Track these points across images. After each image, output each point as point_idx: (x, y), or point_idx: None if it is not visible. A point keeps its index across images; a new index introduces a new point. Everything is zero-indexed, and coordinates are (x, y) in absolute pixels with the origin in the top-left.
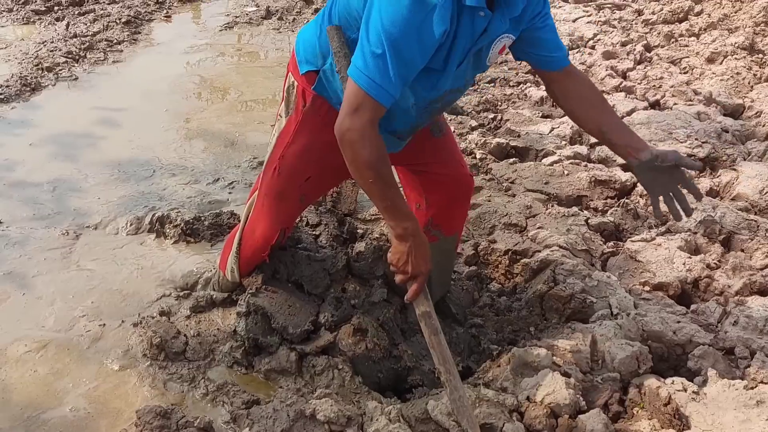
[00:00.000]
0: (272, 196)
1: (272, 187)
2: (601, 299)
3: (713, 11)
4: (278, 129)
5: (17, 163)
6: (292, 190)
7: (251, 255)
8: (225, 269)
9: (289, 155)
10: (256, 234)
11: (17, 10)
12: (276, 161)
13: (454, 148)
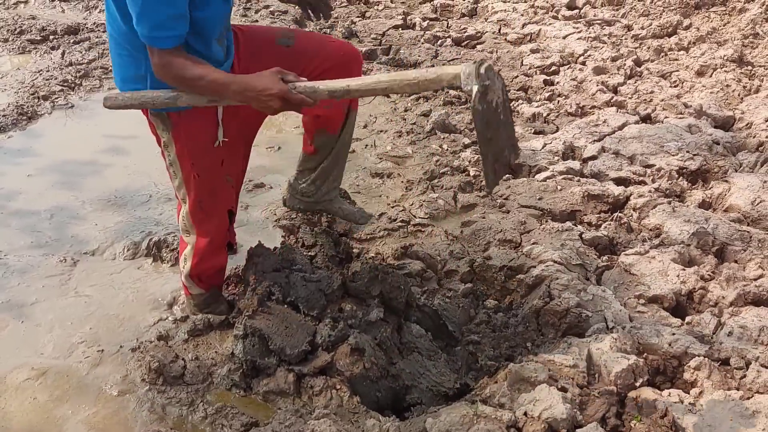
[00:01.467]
0: (206, 195)
1: (202, 189)
2: (597, 313)
3: (701, 25)
4: (173, 151)
5: (16, 191)
6: (217, 179)
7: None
8: (185, 288)
9: (197, 158)
10: (214, 238)
11: (13, 40)
12: (190, 170)
13: (322, 40)
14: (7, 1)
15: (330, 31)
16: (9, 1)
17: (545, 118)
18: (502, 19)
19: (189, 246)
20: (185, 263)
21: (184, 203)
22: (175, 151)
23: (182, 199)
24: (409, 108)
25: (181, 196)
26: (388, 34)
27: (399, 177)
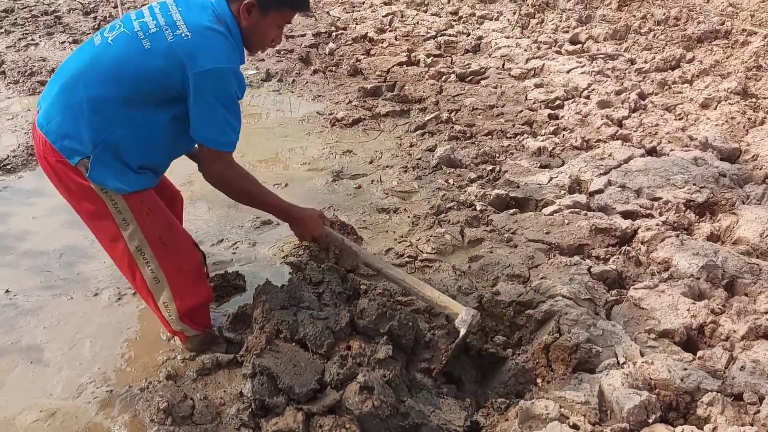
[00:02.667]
0: (165, 229)
1: (159, 224)
2: (607, 348)
3: (705, 58)
4: (119, 200)
5: (26, 232)
6: (166, 212)
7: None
8: (179, 334)
9: (143, 195)
10: (185, 267)
11: (23, 82)
12: (142, 208)
13: None
14: (17, 44)
15: (336, 69)
16: (20, 43)
17: (551, 152)
18: (506, 54)
19: (165, 292)
20: (168, 310)
21: (141, 253)
22: (123, 198)
23: (137, 248)
24: (415, 143)
25: (136, 244)
26: (393, 71)
27: (405, 212)
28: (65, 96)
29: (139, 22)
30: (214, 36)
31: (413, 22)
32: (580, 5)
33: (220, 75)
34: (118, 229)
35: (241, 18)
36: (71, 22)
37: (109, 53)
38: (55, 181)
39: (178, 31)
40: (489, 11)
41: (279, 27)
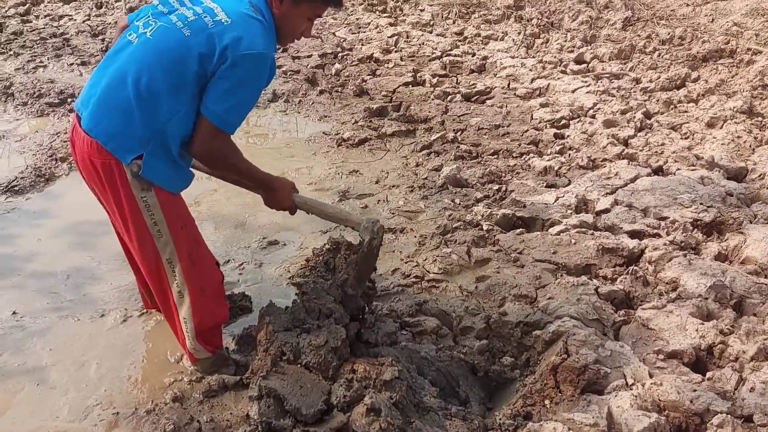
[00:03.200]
0: (194, 245)
1: (190, 240)
2: (616, 369)
3: (710, 77)
4: (157, 209)
5: (34, 254)
6: (196, 228)
7: (212, 313)
8: (191, 355)
9: (179, 207)
10: (208, 287)
11: (31, 104)
12: (177, 222)
13: None
14: (26, 66)
15: (342, 90)
16: (28, 65)
17: (557, 172)
18: (511, 74)
19: (185, 307)
20: (187, 326)
21: (171, 265)
22: (160, 207)
23: (168, 260)
24: (421, 163)
25: (167, 256)
26: (399, 91)
27: (412, 232)
28: (111, 96)
29: (176, 14)
30: (253, 22)
31: (419, 43)
32: (584, 25)
33: (258, 59)
34: (152, 239)
35: (274, 6)
36: (79, 44)
37: (150, 46)
38: (97, 184)
39: (218, 18)
40: (494, 31)
41: (310, 19)
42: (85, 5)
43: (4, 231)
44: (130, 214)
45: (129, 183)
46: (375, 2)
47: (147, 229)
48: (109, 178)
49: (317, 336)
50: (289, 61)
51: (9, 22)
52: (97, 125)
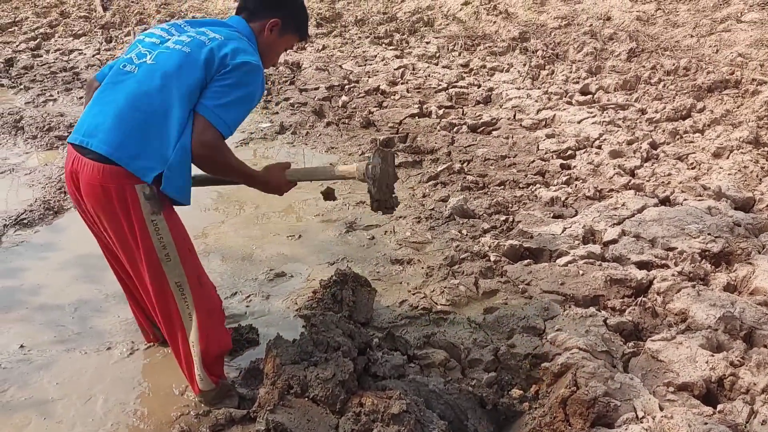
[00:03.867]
0: (200, 268)
1: (197, 263)
2: (626, 402)
3: (715, 107)
4: (166, 231)
5: (41, 286)
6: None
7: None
8: (197, 384)
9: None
10: (214, 312)
11: (41, 137)
12: (184, 245)
13: None
14: (36, 100)
15: (349, 121)
16: (38, 99)
17: (563, 202)
18: (517, 105)
19: (192, 330)
20: (195, 349)
21: (180, 288)
22: (169, 229)
23: (177, 283)
24: (428, 194)
25: (176, 279)
26: (405, 123)
27: (419, 263)
28: (126, 120)
29: (172, 41)
30: (243, 40)
31: (425, 75)
32: (589, 56)
33: (253, 69)
34: (160, 264)
35: (264, 33)
36: (89, 78)
37: (156, 69)
38: (107, 210)
39: (211, 35)
40: (499, 63)
41: (285, 50)
42: (95, 40)
43: (12, 264)
44: (141, 239)
45: (140, 206)
46: (381, 35)
47: (155, 253)
48: (121, 202)
49: (325, 369)
50: (296, 93)
51: (20, 56)
52: (117, 149)
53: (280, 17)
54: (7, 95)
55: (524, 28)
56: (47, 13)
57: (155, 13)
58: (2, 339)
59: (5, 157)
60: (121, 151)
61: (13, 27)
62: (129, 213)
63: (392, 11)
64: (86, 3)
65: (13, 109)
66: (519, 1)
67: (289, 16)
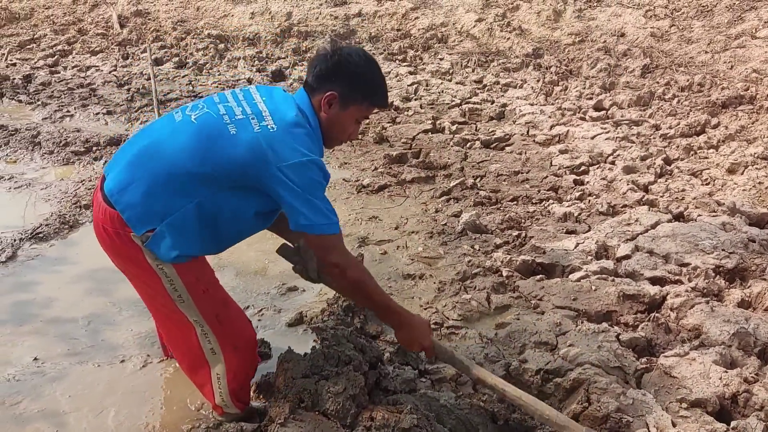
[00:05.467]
0: (221, 306)
1: (215, 302)
2: (638, 418)
3: (730, 123)
4: (176, 277)
5: (54, 299)
6: (222, 289)
7: (245, 369)
8: (217, 407)
9: (199, 272)
10: (241, 344)
11: (58, 152)
12: (197, 286)
13: None
14: (53, 115)
15: (362, 137)
16: (55, 115)
17: (576, 218)
18: (530, 121)
19: (219, 365)
20: (220, 383)
21: (200, 326)
22: (178, 274)
23: (195, 322)
24: (440, 209)
25: (193, 319)
26: (418, 138)
27: (431, 278)
28: (139, 166)
29: (224, 105)
30: (298, 131)
31: (438, 91)
32: (603, 72)
33: (304, 167)
34: (174, 305)
35: (322, 110)
36: (105, 94)
37: (191, 130)
38: (110, 251)
39: (264, 122)
40: (513, 79)
41: (357, 122)
42: (112, 56)
43: (27, 278)
44: (150, 282)
45: (143, 251)
46: (395, 51)
47: (168, 295)
48: (123, 247)
49: (336, 383)
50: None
51: (38, 73)
52: (120, 191)
53: (338, 89)
54: (24, 111)
55: (538, 44)
56: (65, 31)
57: (171, 30)
58: (16, 351)
59: (22, 171)
60: (122, 195)
61: (31, 44)
62: (133, 258)
63: (406, 28)
64: (103, 20)
65: (30, 124)
66: (533, 18)
67: (350, 86)
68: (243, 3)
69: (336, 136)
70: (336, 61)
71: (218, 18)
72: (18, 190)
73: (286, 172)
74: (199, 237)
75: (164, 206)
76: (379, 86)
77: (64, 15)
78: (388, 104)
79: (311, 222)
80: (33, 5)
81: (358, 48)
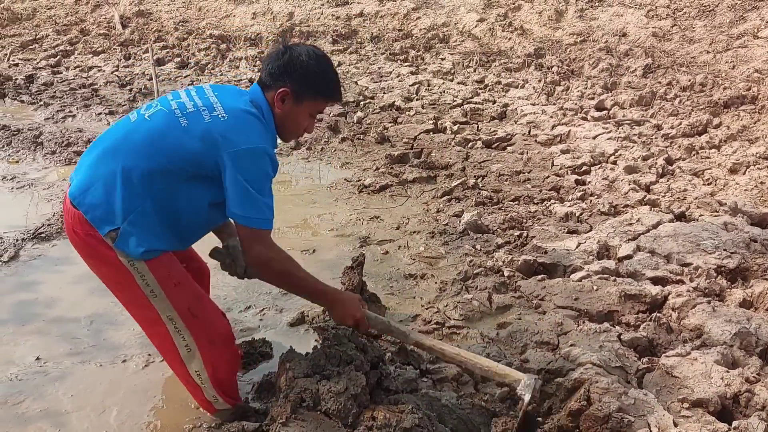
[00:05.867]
0: (193, 299)
1: (187, 295)
2: (640, 418)
3: (732, 123)
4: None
5: (57, 299)
6: (193, 283)
7: (225, 363)
8: (208, 405)
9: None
10: (216, 338)
11: (60, 152)
12: (169, 280)
13: None
14: (55, 116)
15: (364, 137)
16: (58, 115)
17: (578, 218)
18: (532, 121)
19: (196, 360)
20: (201, 378)
21: (173, 322)
22: (149, 270)
23: (168, 319)
24: (442, 209)
25: (166, 316)
26: (420, 138)
27: (433, 278)
28: (98, 167)
29: (177, 101)
30: (249, 118)
31: (440, 91)
32: (605, 72)
33: (253, 155)
34: (147, 300)
35: (276, 106)
36: (108, 95)
37: (144, 127)
38: (83, 253)
39: (215, 113)
40: (514, 79)
41: (311, 116)
42: (114, 57)
43: (29, 277)
44: (122, 280)
45: (114, 250)
46: (397, 52)
47: (141, 292)
48: (94, 248)
49: (337, 382)
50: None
51: (40, 73)
52: (81, 193)
53: (290, 86)
54: (27, 111)
55: (539, 44)
56: (67, 31)
57: (173, 30)
58: (18, 351)
59: (25, 172)
60: (84, 197)
61: (34, 44)
62: (104, 257)
63: (408, 28)
64: (106, 21)
65: (33, 125)
66: (534, 18)
67: (301, 83)
68: (245, 3)
69: (291, 130)
70: (287, 59)
71: (220, 18)
72: (20, 190)
73: (234, 158)
74: (162, 232)
75: (124, 205)
76: (330, 81)
77: (67, 15)
78: (341, 98)
79: (244, 213)
80: (35, 5)
81: (309, 46)
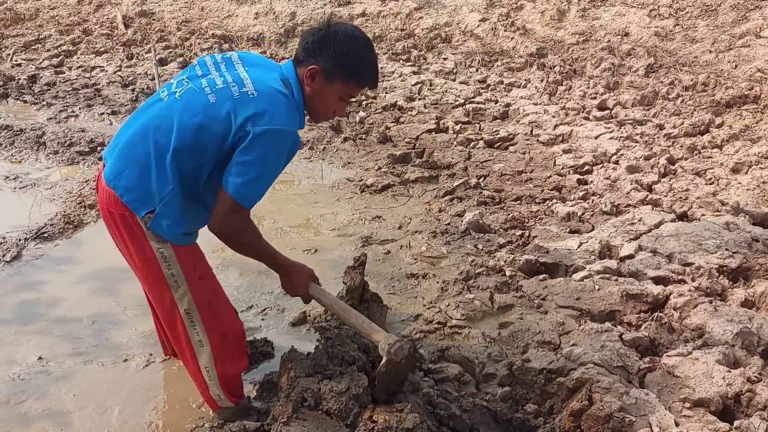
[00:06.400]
0: (213, 295)
1: (208, 290)
2: (641, 418)
3: (734, 123)
4: (174, 261)
5: (59, 299)
6: (215, 279)
7: (234, 359)
8: (212, 402)
9: (197, 260)
10: (228, 334)
11: (62, 152)
12: (194, 273)
13: None
14: (58, 116)
15: (366, 137)
16: (60, 115)
17: (580, 217)
18: (534, 120)
19: (206, 356)
20: (209, 374)
21: (189, 316)
22: (176, 259)
23: (186, 311)
24: (443, 209)
25: (185, 307)
26: (422, 138)
27: (434, 278)
28: (132, 149)
29: (207, 78)
30: (279, 97)
31: (442, 91)
32: (607, 72)
33: (277, 136)
34: (169, 290)
35: (305, 83)
36: (110, 95)
37: (176, 106)
38: (115, 233)
39: (245, 89)
40: (517, 79)
41: (342, 99)
42: (117, 57)
43: (32, 277)
44: (148, 265)
45: (145, 234)
46: (399, 51)
47: (164, 280)
48: (127, 228)
49: (339, 382)
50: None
51: (43, 73)
52: (116, 176)
53: (321, 63)
54: (29, 111)
55: (542, 44)
56: (70, 31)
57: (176, 30)
58: (21, 351)
59: (27, 171)
60: (121, 181)
61: (36, 44)
62: (135, 239)
63: (410, 28)
64: (108, 21)
65: (35, 124)
66: (536, 18)
67: (333, 62)
68: (247, 3)
69: (319, 111)
70: (322, 35)
71: (222, 18)
72: (23, 190)
73: (255, 137)
74: (192, 210)
75: (158, 186)
76: (365, 65)
77: (69, 15)
78: (376, 85)
79: (237, 188)
80: (38, 6)
81: (351, 26)
